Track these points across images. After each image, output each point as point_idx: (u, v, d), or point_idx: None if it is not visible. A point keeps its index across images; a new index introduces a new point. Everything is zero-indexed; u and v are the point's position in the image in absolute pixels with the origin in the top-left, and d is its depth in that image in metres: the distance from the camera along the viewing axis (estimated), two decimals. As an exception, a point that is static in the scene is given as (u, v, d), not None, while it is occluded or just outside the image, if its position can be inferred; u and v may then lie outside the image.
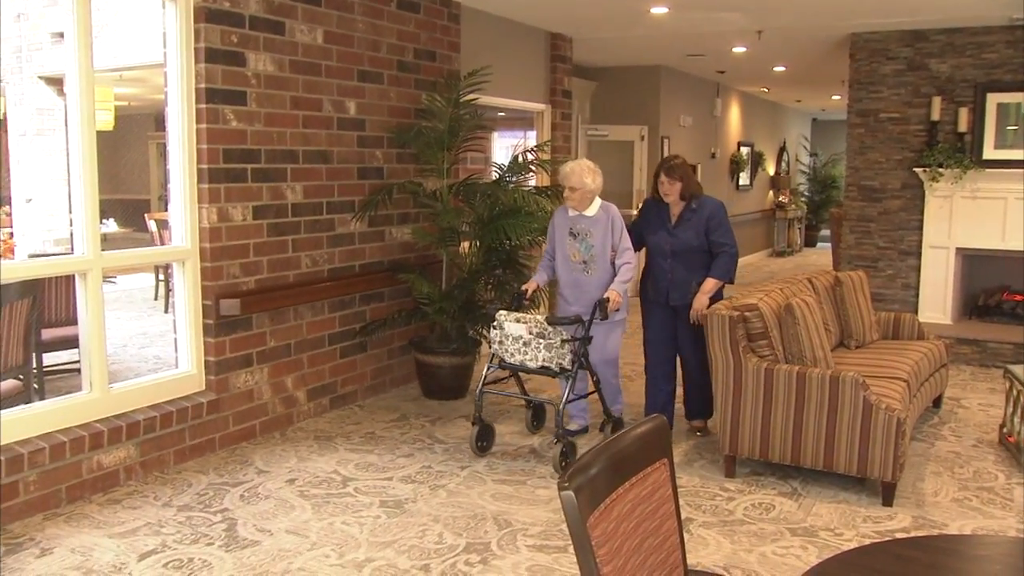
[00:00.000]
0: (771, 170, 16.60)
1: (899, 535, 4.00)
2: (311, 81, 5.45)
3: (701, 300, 5.04)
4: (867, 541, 3.92)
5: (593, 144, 10.73)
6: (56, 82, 9.43)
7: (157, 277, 10.31)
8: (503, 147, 11.07)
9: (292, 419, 5.52)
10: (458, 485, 4.57)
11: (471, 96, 6.12)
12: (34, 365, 5.38)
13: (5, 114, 9.73)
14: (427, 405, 6.00)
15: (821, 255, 16.33)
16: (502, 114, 9.50)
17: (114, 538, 3.89)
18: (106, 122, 10.02)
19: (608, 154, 10.92)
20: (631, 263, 5.09)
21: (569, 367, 4.82)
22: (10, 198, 9.89)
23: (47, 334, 5.82)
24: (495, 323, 4.95)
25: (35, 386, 5.34)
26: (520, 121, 9.34)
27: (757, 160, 15.55)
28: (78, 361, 5.24)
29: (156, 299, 10.21)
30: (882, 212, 8.20)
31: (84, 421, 4.39)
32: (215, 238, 4.92)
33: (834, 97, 14.27)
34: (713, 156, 13.24)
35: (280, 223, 5.31)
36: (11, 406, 4.38)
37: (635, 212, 10.83)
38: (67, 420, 4.33)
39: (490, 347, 5.05)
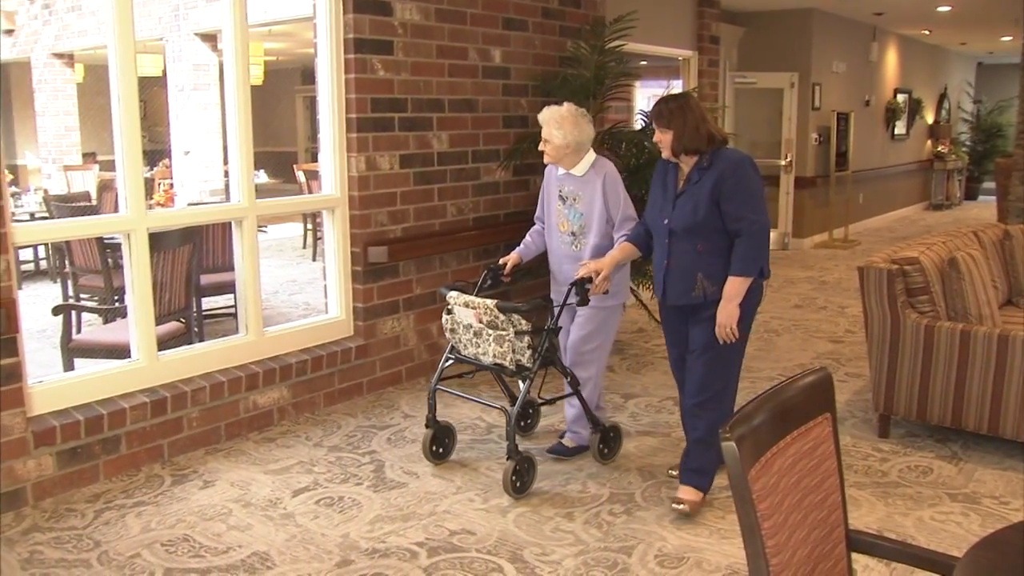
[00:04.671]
0: (930, 118, 15.70)
1: (1073, 505, 3.75)
2: (456, 30, 5.43)
3: (728, 311, 3.53)
4: (1037, 511, 3.69)
5: (740, 92, 10.38)
6: (211, 38, 9.78)
7: (305, 226, 10.67)
8: (647, 96, 10.85)
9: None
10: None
11: (617, 43, 5.98)
12: (194, 309, 5.65)
13: (165, 70, 10.18)
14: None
15: (983, 208, 15.38)
16: (644, 63, 9.29)
17: (269, 474, 4.06)
18: (256, 77, 10.36)
19: (756, 103, 10.56)
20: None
21: (529, 365, 3.91)
22: (170, 151, 10.38)
23: (205, 280, 6.10)
24: (448, 306, 4.09)
25: (195, 329, 5.61)
26: (665, 69, 9.11)
27: (915, 108, 14.71)
28: (234, 306, 5.48)
29: (304, 248, 10.57)
30: (1057, 161, 7.63)
31: (241, 363, 4.58)
32: (363, 187, 5.00)
33: (1004, 38, 13.32)
34: (867, 104, 12.61)
35: (426, 172, 5.36)
36: (174, 347, 4.62)
37: (783, 162, 10.54)
38: (225, 361, 4.53)
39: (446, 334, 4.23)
